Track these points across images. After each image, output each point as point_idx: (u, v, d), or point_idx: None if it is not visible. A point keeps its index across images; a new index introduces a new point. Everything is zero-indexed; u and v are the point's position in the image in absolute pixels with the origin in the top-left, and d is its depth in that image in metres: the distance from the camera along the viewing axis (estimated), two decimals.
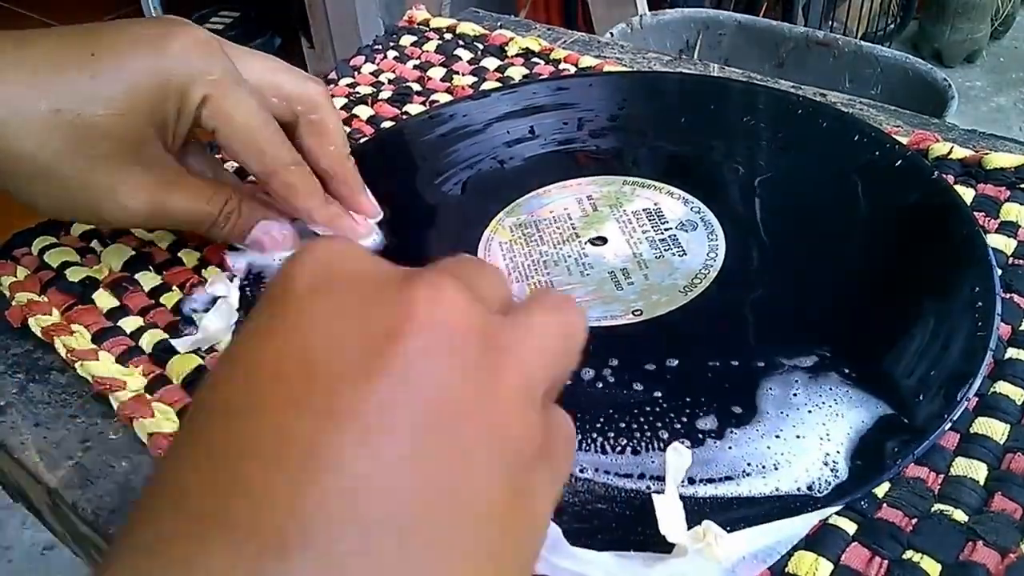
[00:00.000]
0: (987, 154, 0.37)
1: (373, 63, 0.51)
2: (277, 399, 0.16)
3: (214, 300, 0.34)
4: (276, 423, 0.16)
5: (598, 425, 0.28)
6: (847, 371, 0.29)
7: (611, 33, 1.07)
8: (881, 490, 0.26)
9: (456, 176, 0.41)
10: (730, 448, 0.27)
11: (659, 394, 0.29)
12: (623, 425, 0.28)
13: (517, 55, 0.49)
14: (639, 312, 0.32)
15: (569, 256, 0.35)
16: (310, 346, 0.17)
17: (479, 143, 0.42)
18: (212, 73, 0.32)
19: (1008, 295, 0.31)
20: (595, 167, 0.40)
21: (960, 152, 0.37)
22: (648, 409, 0.28)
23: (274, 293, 0.18)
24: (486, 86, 0.47)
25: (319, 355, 0.16)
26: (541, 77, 0.47)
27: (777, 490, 0.25)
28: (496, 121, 0.43)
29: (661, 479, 0.26)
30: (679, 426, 0.28)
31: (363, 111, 0.47)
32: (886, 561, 0.24)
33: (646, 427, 0.28)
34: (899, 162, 0.37)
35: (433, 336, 0.17)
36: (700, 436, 0.27)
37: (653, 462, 0.27)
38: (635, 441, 0.27)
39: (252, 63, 0.35)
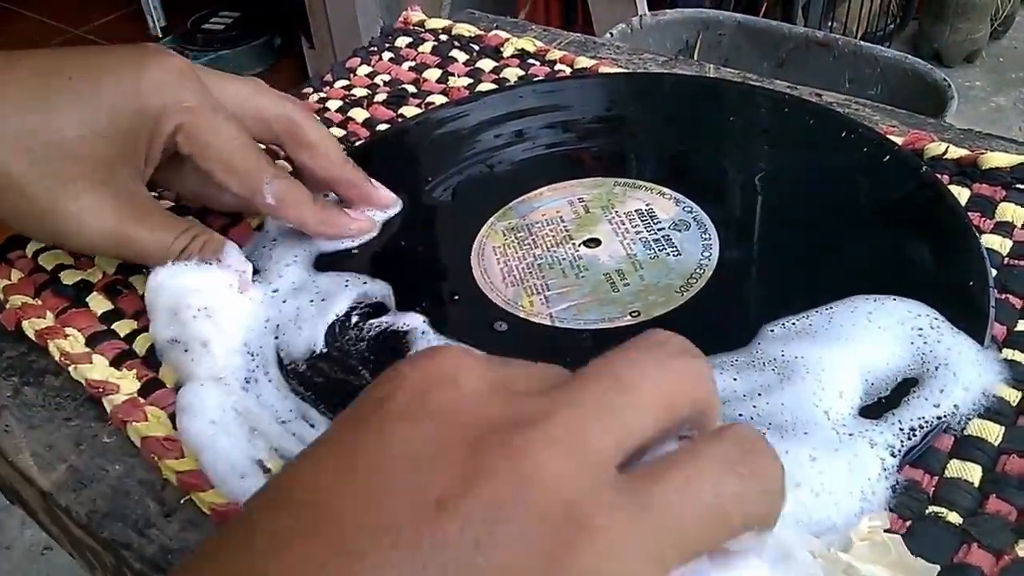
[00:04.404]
0: (983, 154, 0.36)
1: (369, 65, 0.51)
2: (314, 532, 0.15)
3: None
4: (302, 556, 0.15)
5: None
6: None
7: (611, 33, 1.07)
8: None
9: (446, 181, 0.41)
10: None
11: None
12: None
13: (513, 56, 0.49)
14: (637, 313, 0.32)
15: (564, 259, 0.35)
16: (362, 492, 0.16)
17: (468, 147, 0.42)
18: (187, 101, 0.33)
19: (1003, 295, 0.31)
20: (585, 169, 0.40)
21: (956, 152, 0.37)
22: None
23: (365, 404, 0.18)
24: (482, 87, 0.47)
25: (371, 501, 0.15)
26: (535, 79, 0.47)
27: None
28: (485, 125, 0.43)
29: None
30: None
31: (359, 114, 0.47)
32: None
33: None
34: (887, 158, 0.36)
35: (492, 521, 0.15)
36: None
37: None
38: None
39: (229, 88, 0.35)
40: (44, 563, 1.03)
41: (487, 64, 0.49)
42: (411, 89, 0.48)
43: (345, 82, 0.50)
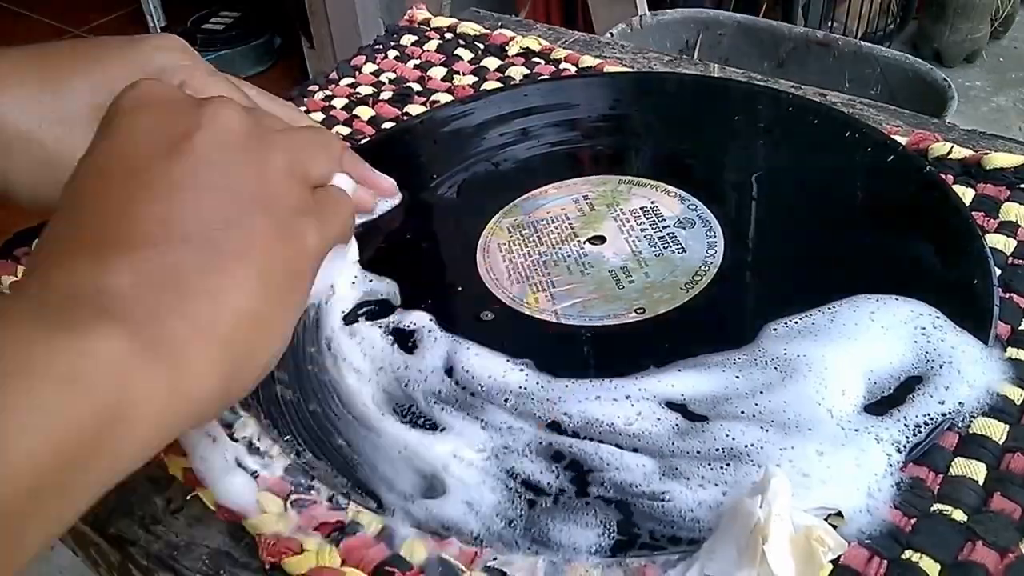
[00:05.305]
0: (987, 154, 0.37)
1: (374, 63, 0.51)
2: (103, 183, 0.25)
3: None
4: (101, 204, 0.24)
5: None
6: None
7: (611, 33, 1.07)
8: None
9: (451, 178, 0.41)
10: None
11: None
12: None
13: (518, 55, 0.49)
14: (642, 310, 0.32)
15: (568, 256, 0.35)
16: (127, 148, 0.25)
17: (473, 145, 0.42)
18: (187, 62, 0.35)
19: (1007, 295, 0.31)
20: (590, 167, 0.40)
21: (960, 152, 0.37)
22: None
23: (107, 114, 0.26)
24: (487, 86, 0.47)
25: (134, 150, 0.25)
26: (540, 77, 0.47)
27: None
28: (490, 123, 0.43)
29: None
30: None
31: (364, 111, 0.47)
32: (885, 561, 0.24)
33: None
34: (891, 158, 0.37)
35: (214, 133, 0.26)
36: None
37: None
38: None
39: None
40: (45, 563, 1.02)
41: (492, 63, 0.49)
42: (416, 87, 0.48)
43: (350, 80, 0.50)
